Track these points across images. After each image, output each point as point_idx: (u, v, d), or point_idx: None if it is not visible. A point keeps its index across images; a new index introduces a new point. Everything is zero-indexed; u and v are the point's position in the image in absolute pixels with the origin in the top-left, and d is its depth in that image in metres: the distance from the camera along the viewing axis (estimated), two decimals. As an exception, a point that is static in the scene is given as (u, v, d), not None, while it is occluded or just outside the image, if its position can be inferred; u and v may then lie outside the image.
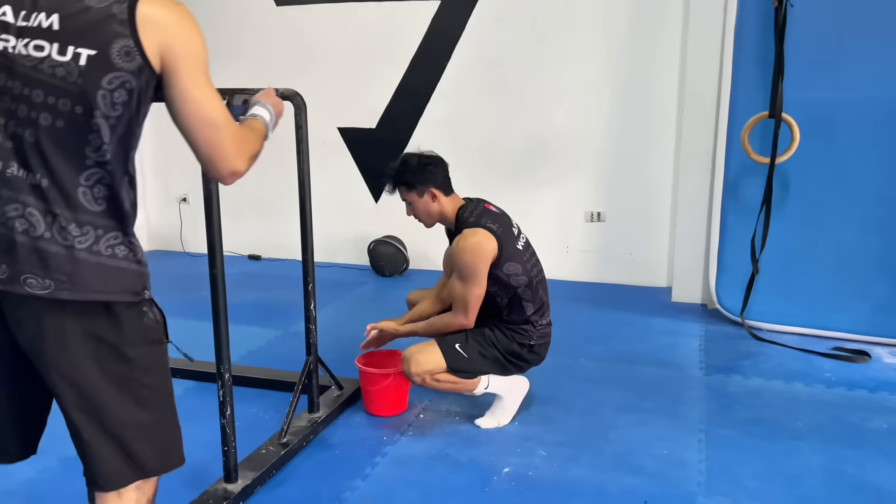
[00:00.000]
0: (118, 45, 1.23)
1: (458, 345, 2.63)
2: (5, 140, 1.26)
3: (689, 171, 4.21)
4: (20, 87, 1.23)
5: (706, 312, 4.18)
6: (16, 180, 1.26)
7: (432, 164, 2.68)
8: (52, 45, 1.22)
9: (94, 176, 1.28)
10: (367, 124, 5.13)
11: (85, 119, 1.25)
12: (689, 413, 2.90)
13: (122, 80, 1.25)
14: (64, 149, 1.25)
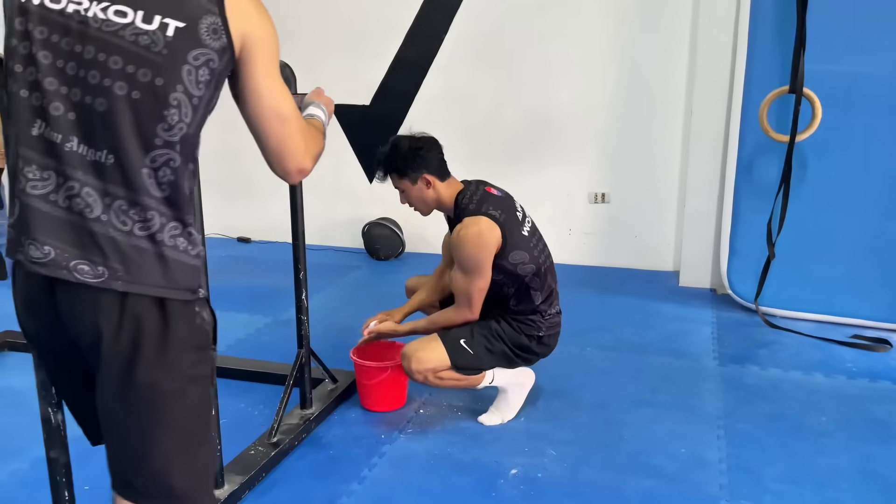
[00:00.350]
0: (207, 22, 1.17)
1: (464, 340, 2.44)
2: (67, 111, 1.15)
3: (699, 150, 4.01)
4: (94, 53, 1.14)
5: (716, 298, 4.00)
6: (74, 156, 1.15)
7: (424, 148, 2.45)
8: (136, 12, 1.15)
9: (162, 157, 1.17)
10: (361, 100, 4.90)
11: (164, 93, 1.15)
12: (705, 407, 2.73)
13: (208, 58, 1.18)
14: (136, 123, 1.15)
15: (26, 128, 1.16)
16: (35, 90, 1.15)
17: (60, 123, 1.15)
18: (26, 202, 1.16)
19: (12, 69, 1.17)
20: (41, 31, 1.15)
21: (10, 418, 2.71)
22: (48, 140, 1.15)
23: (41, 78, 1.15)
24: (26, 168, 1.16)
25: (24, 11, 1.16)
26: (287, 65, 2.33)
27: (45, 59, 1.15)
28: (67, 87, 1.15)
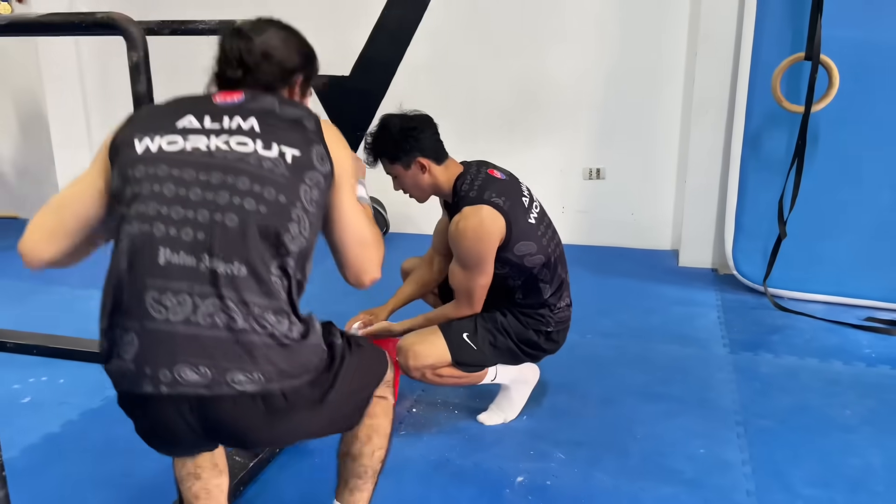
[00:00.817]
0: (316, 150, 1.32)
1: (467, 335, 2.20)
2: (197, 232, 1.22)
3: (701, 122, 3.79)
4: (221, 177, 1.24)
5: (718, 279, 3.81)
6: (210, 274, 1.21)
7: (417, 129, 2.16)
8: (255, 141, 1.27)
9: (284, 265, 1.26)
10: (339, 71, 4.59)
11: (287, 208, 1.26)
12: (721, 401, 2.53)
13: (318, 181, 1.30)
14: (264, 235, 1.24)
15: (152, 259, 1.20)
16: (158, 221, 1.21)
17: (191, 246, 1.21)
18: (161, 330, 1.19)
19: (131, 212, 1.23)
20: (162, 170, 1.24)
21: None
22: (179, 265, 1.20)
23: (167, 209, 1.22)
24: (157, 296, 1.20)
25: (141, 160, 1.25)
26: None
27: (168, 192, 1.22)
28: (194, 210, 1.22)
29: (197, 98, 1.36)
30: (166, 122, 1.29)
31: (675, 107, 4.09)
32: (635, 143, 4.21)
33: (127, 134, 1.30)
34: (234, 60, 1.36)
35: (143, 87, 1.60)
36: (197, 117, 1.29)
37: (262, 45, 1.37)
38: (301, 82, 1.44)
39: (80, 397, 2.57)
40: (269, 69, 1.37)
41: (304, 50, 1.44)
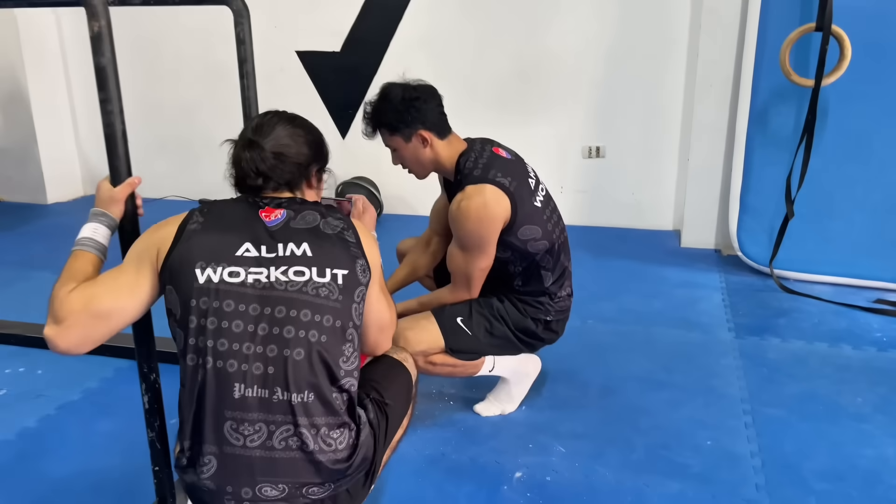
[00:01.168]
0: (359, 264, 1.44)
1: (461, 319, 2.09)
2: (268, 367, 1.32)
3: (704, 97, 3.65)
4: (285, 311, 1.34)
5: (722, 260, 3.70)
6: (282, 404, 1.32)
7: (420, 99, 2.01)
8: (310, 269, 1.38)
9: (343, 383, 1.38)
10: (330, 47, 4.45)
11: (342, 332, 1.38)
12: (727, 389, 2.43)
13: (363, 294, 1.45)
14: (327, 362, 1.35)
15: (228, 393, 1.31)
16: (231, 357, 1.31)
17: (262, 380, 1.31)
18: (240, 455, 1.31)
19: (199, 345, 1.32)
20: (228, 304, 1.33)
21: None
22: (254, 398, 1.31)
23: (238, 346, 1.31)
24: (235, 426, 1.31)
25: (205, 291, 1.33)
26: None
27: (236, 328, 1.32)
28: (263, 346, 1.32)
29: (248, 215, 1.43)
30: (226, 249, 1.37)
31: (678, 82, 3.95)
32: (636, 121, 4.08)
33: (185, 257, 1.36)
34: (252, 172, 1.46)
35: (108, 58, 1.47)
36: (254, 244, 1.38)
37: (274, 148, 1.46)
38: (316, 172, 1.56)
39: (58, 389, 2.46)
40: (285, 169, 1.48)
41: (313, 139, 1.54)
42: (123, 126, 1.52)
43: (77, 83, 5.05)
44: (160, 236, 1.41)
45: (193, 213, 1.44)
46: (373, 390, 1.61)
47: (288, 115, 1.56)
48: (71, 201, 5.07)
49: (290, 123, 1.51)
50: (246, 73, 2.01)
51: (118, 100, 1.50)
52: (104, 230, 1.51)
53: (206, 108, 4.72)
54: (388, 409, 1.59)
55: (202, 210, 1.45)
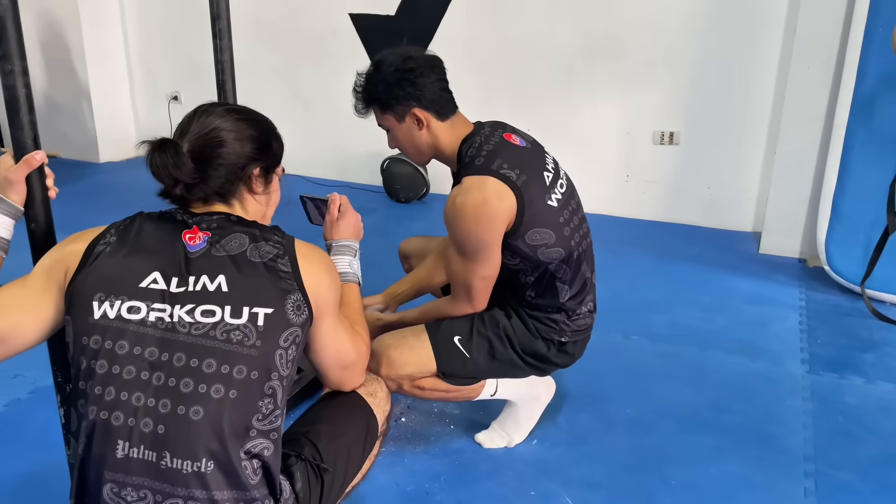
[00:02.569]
0: (291, 300, 1.18)
1: (459, 338, 1.75)
2: (158, 425, 1.08)
3: (799, 81, 3.12)
4: (185, 359, 1.10)
5: (806, 272, 3.19)
6: (171, 472, 1.07)
7: (415, 71, 1.67)
8: (223, 308, 1.14)
9: (256, 447, 1.12)
10: (384, 9, 4.12)
11: (259, 384, 1.13)
12: (788, 439, 2.00)
13: (295, 335, 1.18)
14: (234, 422, 1.10)
15: (110, 450, 1.08)
16: (117, 409, 1.09)
17: (151, 440, 1.08)
18: None
19: (86, 391, 1.10)
20: (121, 346, 1.11)
21: None
22: (139, 460, 1.08)
23: (126, 395, 1.09)
24: (117, 490, 1.08)
25: (98, 329, 1.12)
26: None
27: (128, 374, 1.10)
28: (156, 399, 1.09)
29: (168, 236, 1.19)
30: (130, 279, 1.14)
31: (771, 62, 3.41)
32: (718, 104, 3.57)
33: (84, 285, 1.14)
34: (167, 180, 1.19)
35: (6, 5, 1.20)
36: (164, 275, 1.15)
37: (195, 149, 1.20)
38: (261, 174, 1.29)
39: (38, 370, 2.27)
40: (213, 174, 1.22)
41: (253, 133, 1.27)
42: (28, 89, 1.26)
43: (134, 41, 4.93)
44: (70, 251, 1.19)
45: (110, 230, 1.21)
46: (308, 445, 1.30)
47: (225, 106, 1.29)
48: (123, 161, 5.00)
49: (222, 116, 1.24)
50: (219, 31, 1.70)
51: (20, 57, 1.23)
52: (3, 219, 1.27)
53: (248, 69, 4.50)
54: (326, 475, 1.29)
55: (119, 225, 1.22)
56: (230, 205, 1.27)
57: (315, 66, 4.38)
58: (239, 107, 1.31)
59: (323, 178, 4.53)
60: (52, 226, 1.34)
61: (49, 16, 4.69)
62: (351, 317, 1.42)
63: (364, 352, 1.42)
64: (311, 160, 4.55)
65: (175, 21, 4.72)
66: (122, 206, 1.30)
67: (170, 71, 4.86)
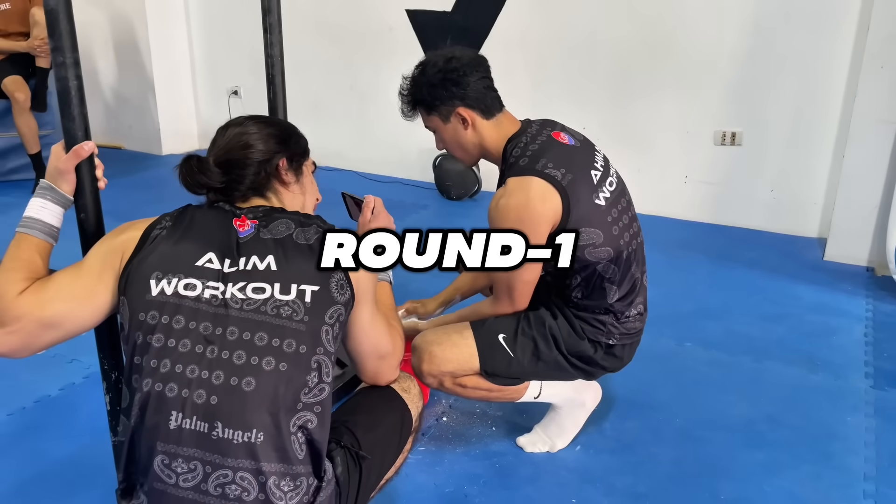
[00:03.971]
0: (335, 279, 1.22)
1: (504, 336, 1.71)
2: (211, 396, 1.11)
3: (872, 81, 2.98)
4: (238, 333, 1.15)
5: (874, 282, 3.04)
6: (223, 443, 1.10)
7: (459, 71, 1.66)
8: (272, 285, 1.19)
9: (301, 419, 1.15)
10: (441, 6, 4.10)
11: (306, 358, 1.17)
12: (848, 457, 1.90)
13: (339, 314, 1.22)
14: (284, 393, 1.13)
15: (163, 421, 1.11)
16: (171, 380, 1.12)
17: (204, 411, 1.11)
18: (170, 493, 1.11)
19: (142, 364, 1.14)
20: (178, 321, 1.15)
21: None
22: (191, 430, 1.11)
23: (181, 367, 1.13)
24: (167, 461, 1.11)
25: (155, 305, 1.15)
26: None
27: (183, 347, 1.14)
28: (209, 371, 1.12)
29: (221, 223, 1.25)
30: (186, 259, 1.20)
31: (843, 60, 3.26)
32: (785, 104, 3.43)
33: (142, 266, 1.19)
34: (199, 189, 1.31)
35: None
36: (219, 256, 1.21)
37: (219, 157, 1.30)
38: (288, 165, 1.36)
39: (92, 355, 2.33)
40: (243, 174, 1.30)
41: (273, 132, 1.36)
42: (79, 81, 1.27)
43: (197, 37, 5.04)
44: (126, 238, 1.24)
45: (164, 218, 1.28)
46: (347, 433, 1.31)
47: (245, 116, 1.40)
48: (184, 153, 5.10)
49: (241, 124, 1.35)
50: (270, 25, 1.71)
51: (72, 49, 1.25)
52: (53, 208, 1.30)
53: (315, 70, 4.55)
54: (364, 463, 1.29)
55: (172, 214, 1.28)
56: (267, 199, 1.34)
57: (371, 61, 4.40)
58: (258, 116, 1.40)
59: (377, 174, 4.55)
60: (100, 215, 1.36)
61: (119, 14, 4.83)
62: (385, 313, 1.41)
63: (399, 345, 1.43)
64: (366, 156, 4.57)
65: (236, 18, 4.80)
66: (183, 196, 1.34)
67: (230, 66, 4.95)
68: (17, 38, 4.08)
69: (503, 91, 1.76)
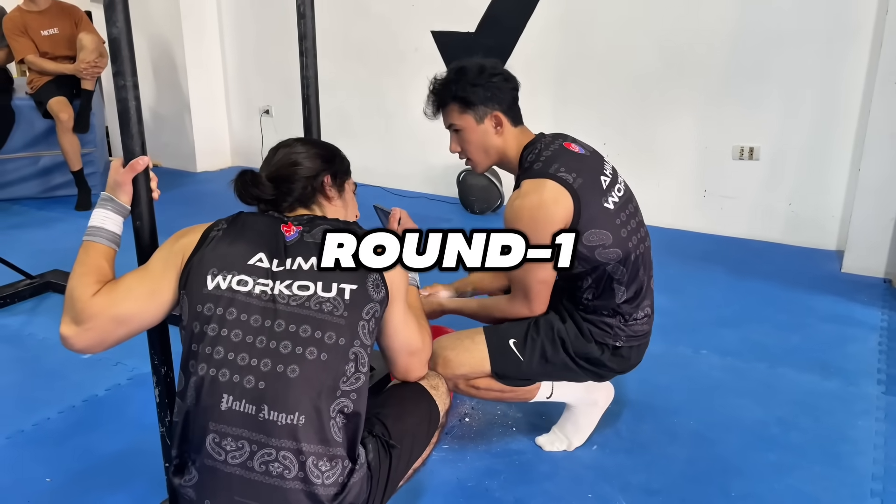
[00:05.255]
0: (371, 279, 1.35)
1: (514, 341, 1.82)
2: (259, 381, 1.25)
3: (885, 97, 3.04)
4: (284, 325, 1.28)
5: (890, 292, 3.09)
6: (268, 424, 1.23)
7: (502, 76, 1.80)
8: (315, 283, 1.32)
9: (339, 405, 1.28)
10: (465, 27, 4.25)
11: (345, 349, 1.29)
12: (857, 458, 1.97)
13: (374, 311, 1.35)
14: (324, 380, 1.27)
15: (215, 403, 1.24)
16: (224, 366, 1.25)
17: (252, 394, 1.24)
18: (220, 469, 1.24)
19: (198, 351, 1.28)
20: (231, 313, 1.28)
21: (13, 375, 2.45)
22: (240, 412, 1.24)
23: (233, 355, 1.26)
24: (217, 440, 1.24)
25: (211, 298, 1.29)
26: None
27: (235, 337, 1.27)
28: (258, 359, 1.25)
29: (270, 227, 1.39)
30: (240, 257, 1.33)
31: (858, 76, 3.33)
32: (802, 120, 3.50)
33: (201, 263, 1.33)
34: (253, 201, 1.45)
35: (121, 28, 1.36)
36: (268, 256, 1.34)
37: (272, 173, 1.45)
38: (331, 181, 1.50)
39: (136, 359, 2.48)
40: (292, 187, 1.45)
41: (318, 152, 1.51)
42: (138, 102, 1.42)
43: (231, 59, 5.24)
44: (186, 242, 1.38)
45: (219, 222, 1.41)
46: (378, 424, 1.42)
47: (294, 139, 1.56)
48: (218, 171, 5.30)
49: (291, 146, 1.51)
50: (305, 50, 1.85)
51: (132, 73, 1.39)
52: (114, 217, 1.44)
53: (344, 87, 4.71)
54: (394, 452, 1.40)
55: (226, 219, 1.41)
56: (311, 210, 1.49)
57: (397, 81, 4.55)
58: (305, 137, 1.59)
59: (403, 189, 4.68)
60: (154, 223, 1.50)
61: (159, 38, 5.05)
62: (414, 314, 1.53)
63: (428, 343, 1.56)
64: (393, 171, 4.71)
65: (267, 41, 5.00)
66: (217, 211, 1.46)
67: (262, 87, 5.14)
68: (64, 61, 4.31)
69: (526, 108, 1.88)
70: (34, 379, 2.42)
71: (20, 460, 1.98)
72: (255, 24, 5.07)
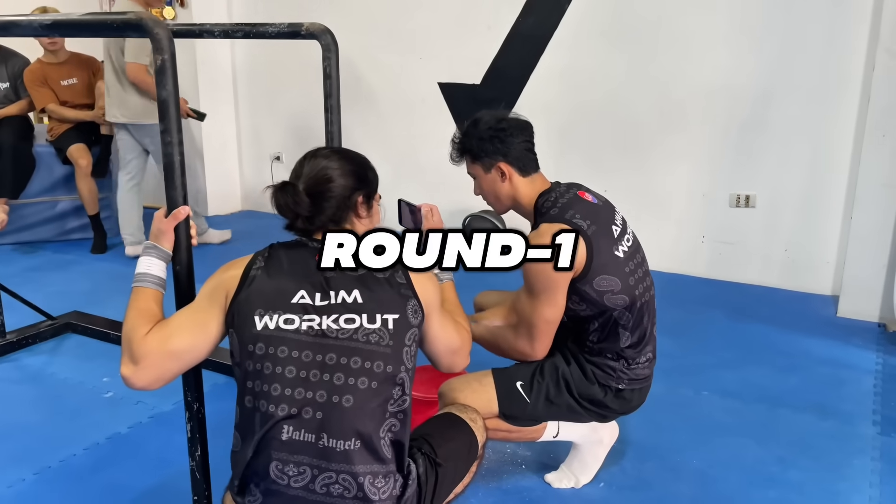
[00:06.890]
0: (410, 306, 1.44)
1: (521, 384, 1.92)
2: (317, 412, 1.35)
3: (875, 148, 3.19)
4: (336, 358, 1.37)
5: (885, 337, 3.18)
6: (328, 451, 1.34)
7: (507, 131, 1.93)
8: (361, 316, 1.40)
9: (387, 425, 1.38)
10: (471, 79, 4.42)
11: (392, 376, 1.39)
12: (854, 497, 2.05)
13: (415, 336, 1.45)
14: (374, 407, 1.37)
15: (276, 435, 1.35)
16: (283, 402, 1.35)
17: (311, 425, 1.34)
18: (284, 493, 1.35)
19: (254, 389, 1.37)
20: (282, 351, 1.37)
21: (38, 414, 2.53)
22: (301, 441, 1.34)
23: (290, 390, 1.35)
24: (280, 467, 1.35)
25: (261, 338, 1.37)
26: (326, 29, 1.91)
27: (289, 373, 1.36)
28: (313, 391, 1.35)
29: (305, 260, 1.45)
30: (283, 296, 1.40)
31: (847, 127, 3.48)
32: (796, 168, 3.64)
33: (247, 303, 1.39)
34: (291, 215, 1.47)
35: (169, 90, 1.49)
36: (309, 292, 1.40)
37: (309, 188, 1.47)
38: (363, 201, 1.54)
39: (156, 398, 2.57)
40: (326, 206, 1.48)
41: (353, 168, 1.52)
42: (182, 157, 1.54)
43: (244, 108, 5.42)
44: (228, 277, 1.44)
45: (257, 257, 1.47)
46: (426, 444, 1.54)
47: (329, 148, 1.58)
48: (228, 215, 5.43)
49: (328, 157, 1.51)
50: (330, 107, 1.99)
51: (178, 131, 1.52)
52: (158, 263, 1.54)
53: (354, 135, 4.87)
54: (440, 469, 1.50)
55: (264, 253, 1.48)
56: (341, 227, 1.52)
57: (404, 128, 4.72)
58: (339, 148, 1.61)
59: (409, 233, 4.80)
60: (192, 268, 1.61)
61: (172, 84, 5.23)
62: (452, 310, 1.64)
63: (467, 338, 1.65)
64: (399, 216, 4.84)
65: (278, 92, 5.18)
66: (227, 254, 1.57)
67: (273, 134, 5.31)
68: (83, 108, 4.48)
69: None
70: (57, 417, 2.50)
71: (49, 496, 2.05)
72: (267, 74, 5.26)
